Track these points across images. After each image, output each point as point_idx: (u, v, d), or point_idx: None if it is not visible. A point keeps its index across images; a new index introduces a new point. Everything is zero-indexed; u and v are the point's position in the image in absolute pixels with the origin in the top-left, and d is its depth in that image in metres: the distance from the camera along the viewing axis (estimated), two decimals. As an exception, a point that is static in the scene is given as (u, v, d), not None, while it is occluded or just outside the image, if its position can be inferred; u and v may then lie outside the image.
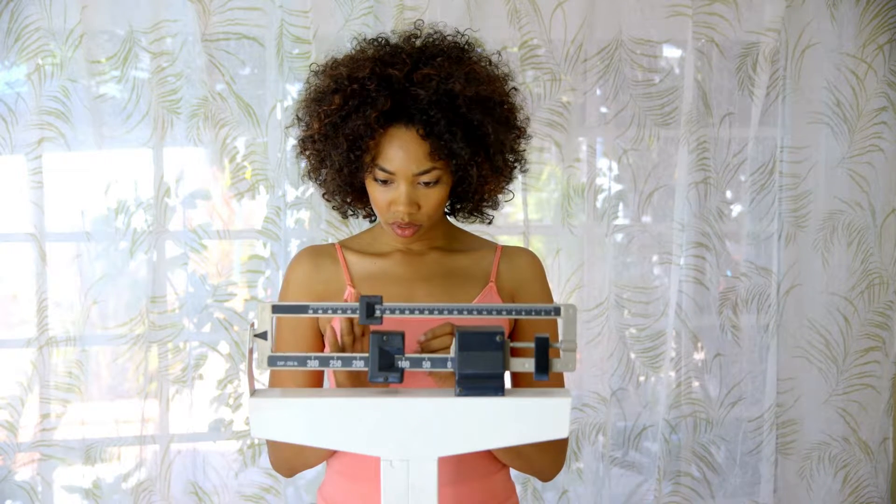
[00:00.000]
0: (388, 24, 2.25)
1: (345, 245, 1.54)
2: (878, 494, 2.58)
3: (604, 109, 2.44)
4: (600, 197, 2.45)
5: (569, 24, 2.36)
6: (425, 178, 1.38)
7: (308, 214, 2.32)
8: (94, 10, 2.17)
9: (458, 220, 1.57)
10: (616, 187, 2.47)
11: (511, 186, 1.52)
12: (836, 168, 2.51)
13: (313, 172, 1.48)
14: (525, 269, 1.52)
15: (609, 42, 2.40)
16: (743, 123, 2.48)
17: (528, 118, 1.49)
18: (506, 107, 1.42)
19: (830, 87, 2.49)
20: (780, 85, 2.48)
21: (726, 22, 2.43)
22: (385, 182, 1.39)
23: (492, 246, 1.54)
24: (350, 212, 1.55)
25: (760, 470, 2.53)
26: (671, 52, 2.46)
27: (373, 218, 1.57)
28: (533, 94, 2.37)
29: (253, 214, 2.32)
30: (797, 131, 2.50)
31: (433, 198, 1.40)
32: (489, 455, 1.48)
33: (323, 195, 1.53)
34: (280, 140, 2.25)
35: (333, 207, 1.54)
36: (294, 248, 2.33)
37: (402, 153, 1.36)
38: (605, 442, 2.47)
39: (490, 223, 1.57)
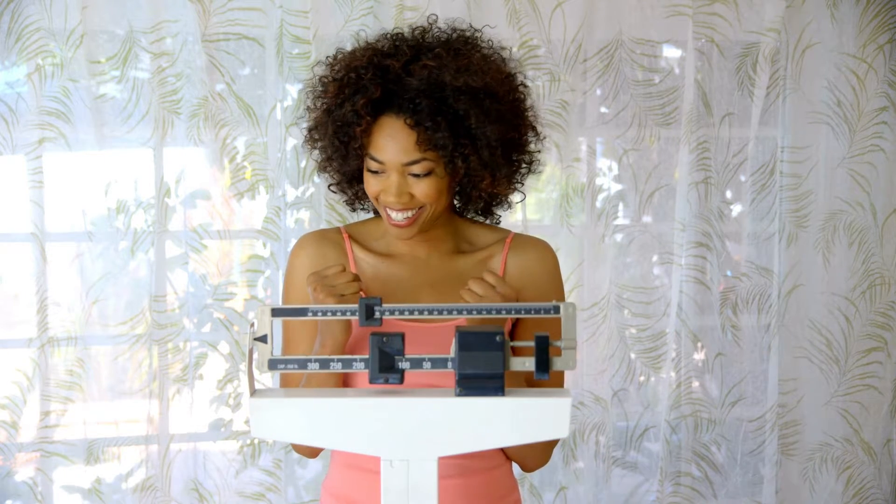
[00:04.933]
0: (388, 24, 2.24)
1: (352, 235, 1.51)
2: (882, 497, 2.57)
3: (604, 109, 2.44)
4: (600, 197, 2.45)
5: (568, 24, 2.36)
6: (415, 170, 1.36)
7: (308, 214, 2.32)
8: (95, 10, 2.17)
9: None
10: (616, 187, 2.46)
11: (522, 187, 1.50)
12: (837, 168, 2.51)
13: (320, 165, 1.48)
14: (533, 263, 1.48)
15: (609, 42, 2.40)
16: (743, 123, 2.48)
17: (535, 115, 1.47)
18: (503, 101, 1.39)
19: (831, 87, 2.49)
20: (780, 85, 2.47)
21: (726, 22, 2.43)
22: (378, 173, 1.38)
23: (502, 239, 1.50)
24: (360, 206, 1.54)
25: (762, 470, 2.53)
26: (671, 52, 2.46)
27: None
28: (532, 94, 2.36)
29: (253, 214, 2.32)
30: (798, 131, 2.50)
31: (423, 187, 1.37)
32: (492, 449, 1.48)
33: (330, 187, 1.52)
34: (280, 140, 2.25)
35: (345, 202, 1.54)
36: (294, 248, 2.33)
37: (391, 142, 1.36)
38: (606, 442, 2.47)
39: (498, 222, 1.56)
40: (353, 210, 1.56)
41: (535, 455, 1.49)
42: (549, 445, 1.50)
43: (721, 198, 2.49)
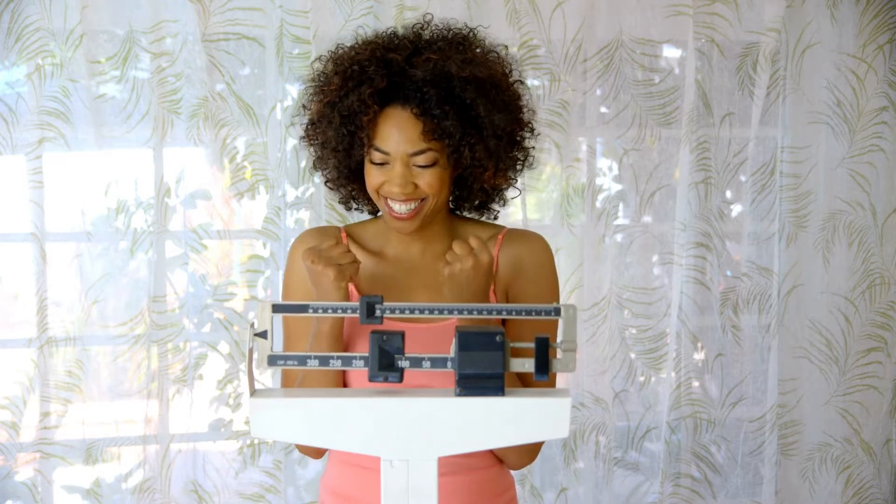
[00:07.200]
0: (389, 24, 2.24)
1: (351, 234, 1.51)
2: (881, 496, 2.57)
3: (604, 109, 2.44)
4: (600, 197, 2.45)
5: (568, 24, 2.36)
6: (420, 160, 1.37)
7: (308, 214, 2.32)
8: (94, 10, 2.17)
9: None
10: (616, 187, 2.46)
11: (517, 183, 1.50)
12: (837, 168, 2.51)
13: (318, 161, 1.48)
14: (523, 255, 1.47)
15: (609, 42, 2.40)
16: (743, 123, 2.48)
17: (533, 111, 1.48)
18: (505, 93, 1.40)
19: (831, 87, 2.49)
20: (780, 85, 2.47)
21: (726, 22, 2.43)
22: (381, 164, 1.38)
23: (495, 235, 1.50)
24: (354, 205, 1.54)
25: (762, 471, 2.53)
26: (671, 52, 2.46)
27: (377, 213, 1.56)
28: (532, 94, 2.36)
29: (253, 214, 2.32)
30: (798, 131, 2.50)
31: (427, 178, 1.38)
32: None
33: (326, 183, 1.51)
34: (280, 140, 2.25)
35: (339, 201, 1.54)
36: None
37: (396, 132, 1.36)
38: (606, 442, 2.47)
39: (496, 218, 1.56)
40: (349, 209, 1.56)
41: (518, 453, 1.48)
42: (535, 445, 1.48)
43: (721, 198, 2.49)
